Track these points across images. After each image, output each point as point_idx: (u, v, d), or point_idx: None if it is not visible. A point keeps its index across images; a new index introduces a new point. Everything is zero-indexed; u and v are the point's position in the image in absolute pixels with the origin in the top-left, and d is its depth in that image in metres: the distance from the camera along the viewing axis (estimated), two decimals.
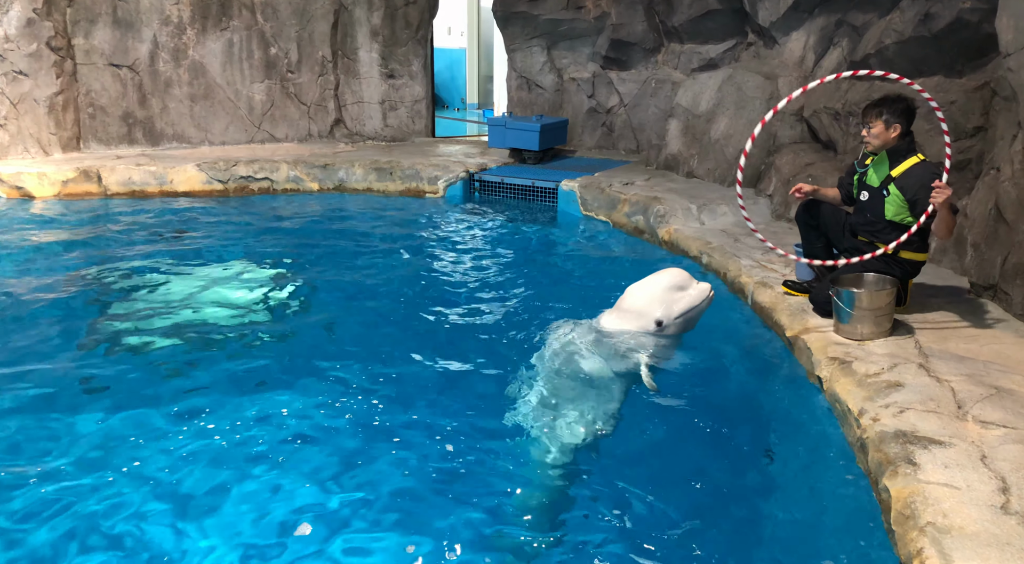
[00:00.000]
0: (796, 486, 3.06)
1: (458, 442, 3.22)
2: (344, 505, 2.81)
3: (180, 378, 3.76)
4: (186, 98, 8.94)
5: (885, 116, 3.90)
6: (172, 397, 3.55)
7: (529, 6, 8.98)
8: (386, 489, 2.91)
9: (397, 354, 4.08)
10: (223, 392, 3.61)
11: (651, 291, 3.82)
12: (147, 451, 3.12)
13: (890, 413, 3.03)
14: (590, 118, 9.41)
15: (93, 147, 8.56)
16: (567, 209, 7.41)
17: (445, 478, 2.98)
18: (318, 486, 2.91)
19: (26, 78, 7.88)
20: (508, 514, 2.80)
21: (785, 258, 4.49)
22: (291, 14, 9.22)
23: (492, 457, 3.12)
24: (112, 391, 3.63)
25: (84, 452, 3.11)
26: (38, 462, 3.04)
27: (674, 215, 6.28)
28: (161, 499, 2.82)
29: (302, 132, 9.53)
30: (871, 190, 4.04)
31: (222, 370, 3.84)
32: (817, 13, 6.51)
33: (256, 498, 2.85)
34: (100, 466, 3.00)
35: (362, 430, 3.32)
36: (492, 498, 2.87)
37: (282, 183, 8.04)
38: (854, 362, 3.52)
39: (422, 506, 2.82)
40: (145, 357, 3.99)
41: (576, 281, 5.41)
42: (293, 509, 2.79)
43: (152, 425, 3.31)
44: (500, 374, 3.80)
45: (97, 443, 3.18)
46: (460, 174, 8.04)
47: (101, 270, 5.35)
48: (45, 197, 7.35)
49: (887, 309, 3.73)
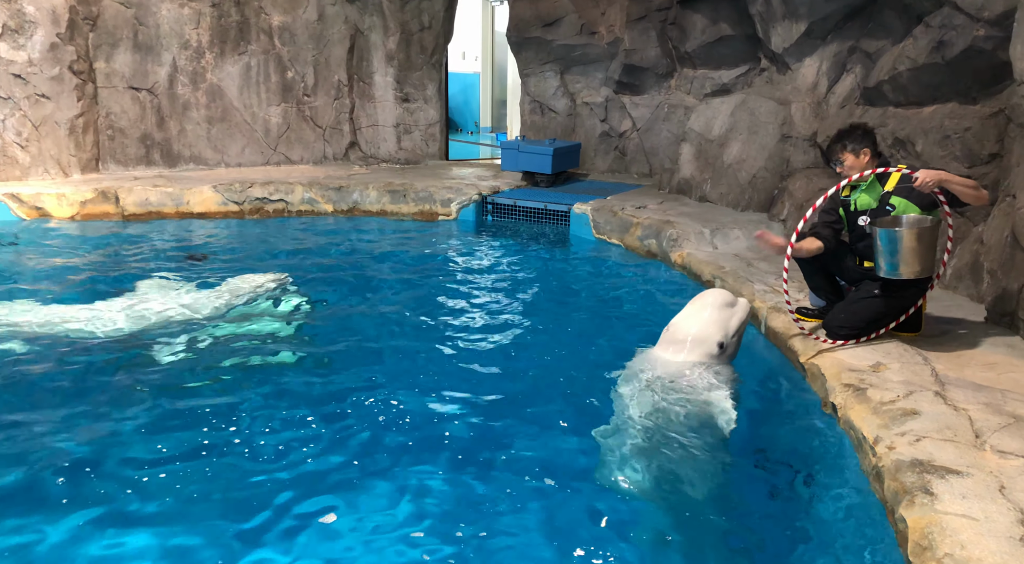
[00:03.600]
0: (810, 514, 3.01)
1: (495, 476, 3.20)
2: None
3: (188, 398, 3.76)
4: (203, 120, 9.06)
5: (850, 146, 4.03)
6: (179, 416, 3.55)
7: (543, 32, 9.07)
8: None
9: (409, 374, 4.08)
10: (231, 413, 3.61)
11: (704, 315, 3.77)
12: (152, 471, 3.12)
13: (906, 441, 2.99)
14: (603, 142, 9.46)
15: (112, 168, 8.68)
16: (579, 232, 7.43)
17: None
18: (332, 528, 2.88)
19: (48, 101, 8.02)
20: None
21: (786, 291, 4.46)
22: (308, 39, 9.36)
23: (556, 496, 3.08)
24: (121, 408, 3.64)
25: (86, 471, 3.11)
26: (40, 474, 3.05)
27: (687, 239, 6.27)
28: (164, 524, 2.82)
29: (317, 154, 9.63)
30: (871, 211, 4.00)
31: (232, 391, 3.84)
32: (830, 40, 6.54)
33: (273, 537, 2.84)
34: (103, 481, 3.01)
35: (376, 458, 3.31)
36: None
37: (297, 205, 8.11)
38: (869, 389, 3.48)
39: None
40: (156, 377, 4.00)
41: (589, 304, 5.41)
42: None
43: (159, 446, 3.31)
44: (512, 398, 3.79)
45: (104, 461, 3.18)
46: (473, 197, 8.09)
47: (114, 290, 5.39)
48: (63, 218, 7.44)
49: (932, 243, 3.68)
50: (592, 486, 3.08)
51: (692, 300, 3.91)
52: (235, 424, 3.51)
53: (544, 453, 3.35)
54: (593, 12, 8.94)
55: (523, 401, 3.79)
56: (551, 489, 3.08)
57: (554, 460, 3.29)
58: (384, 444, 3.40)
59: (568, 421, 3.61)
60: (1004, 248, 4.17)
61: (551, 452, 3.35)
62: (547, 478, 3.14)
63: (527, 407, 3.74)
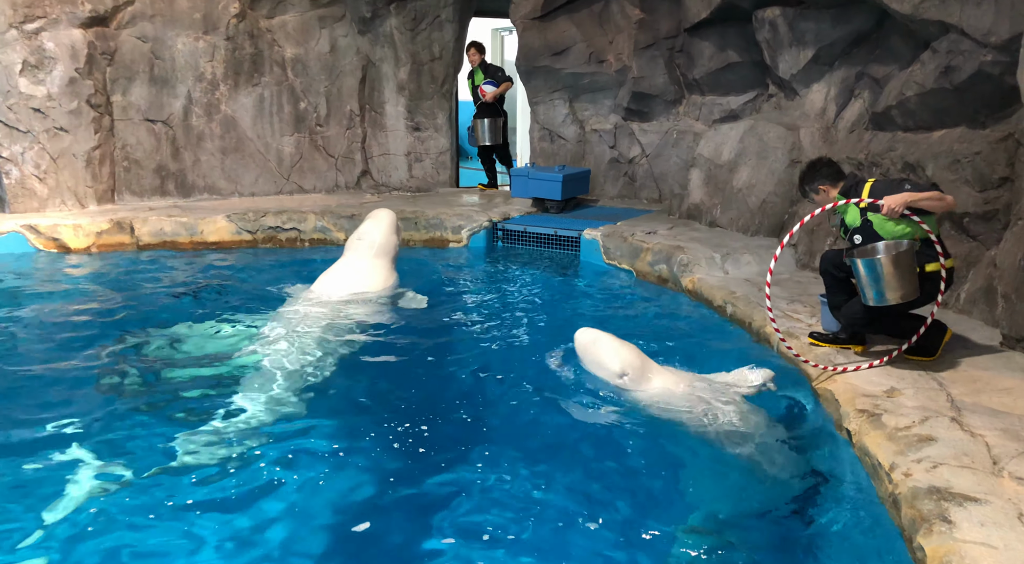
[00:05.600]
0: (825, 541, 2.98)
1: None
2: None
3: (198, 431, 3.77)
4: (218, 151, 9.18)
5: (816, 184, 4.23)
6: (186, 448, 3.55)
7: (552, 60, 9.18)
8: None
9: (419, 403, 4.08)
10: (239, 446, 3.61)
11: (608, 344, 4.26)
12: (155, 508, 3.13)
13: (923, 468, 2.96)
14: (612, 168, 9.51)
15: (127, 199, 8.80)
16: (590, 258, 7.45)
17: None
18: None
19: (66, 134, 8.16)
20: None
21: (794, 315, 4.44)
22: (320, 70, 9.50)
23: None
24: (131, 440, 3.66)
25: (89, 500, 3.12)
26: (40, 504, 3.07)
27: (697, 264, 6.28)
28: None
29: (329, 183, 9.72)
30: (858, 229, 4.04)
31: (242, 423, 3.85)
32: (837, 66, 6.59)
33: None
34: (102, 512, 3.02)
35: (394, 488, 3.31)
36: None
37: (309, 233, 8.18)
38: (884, 414, 3.46)
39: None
40: (166, 407, 4.03)
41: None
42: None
43: (165, 480, 3.31)
44: (526, 426, 3.78)
45: (107, 491, 3.19)
46: (483, 223, 8.14)
47: (128, 320, 5.44)
48: (80, 249, 7.53)
49: (911, 265, 3.80)
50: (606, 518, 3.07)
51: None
52: (234, 458, 3.52)
53: (557, 474, 3.34)
54: (601, 41, 9.04)
55: (533, 424, 3.78)
56: (563, 513, 3.06)
57: (566, 481, 3.28)
58: (393, 469, 3.40)
59: (584, 447, 3.60)
60: (1017, 272, 4.15)
61: (563, 473, 3.34)
62: (563, 501, 3.13)
63: (537, 430, 3.73)
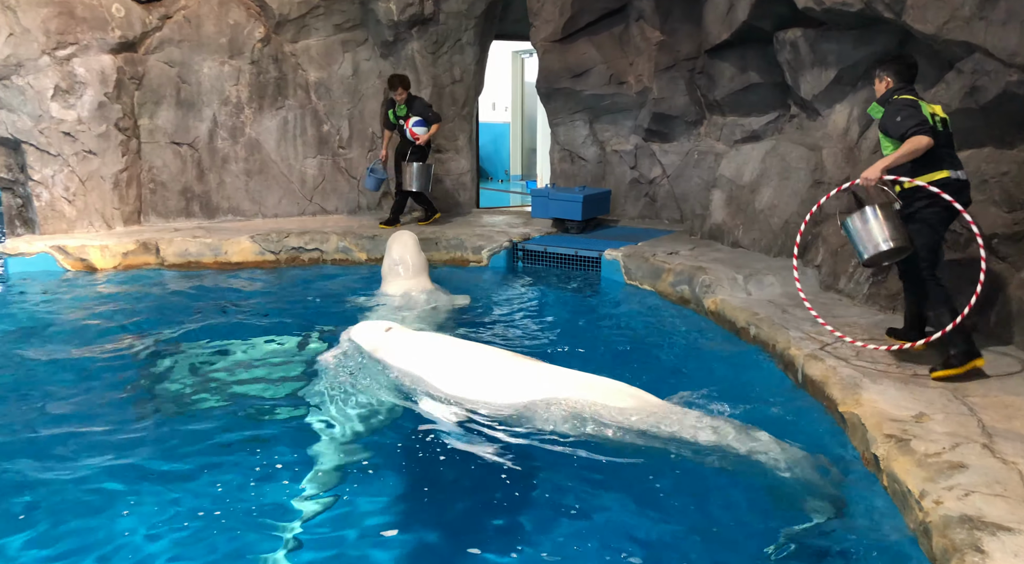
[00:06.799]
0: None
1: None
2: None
3: (219, 451, 3.79)
4: (242, 173, 9.30)
5: (878, 71, 4.59)
6: (208, 468, 3.58)
7: (572, 82, 9.22)
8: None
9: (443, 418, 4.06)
10: (261, 465, 3.62)
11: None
12: (179, 528, 3.14)
13: (954, 496, 2.90)
14: (633, 189, 9.51)
15: (153, 220, 8.93)
16: (611, 278, 7.42)
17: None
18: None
19: (95, 157, 8.32)
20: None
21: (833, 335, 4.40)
22: (343, 93, 9.62)
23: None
24: (155, 458, 3.68)
25: (114, 515, 3.14)
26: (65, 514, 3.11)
27: (720, 285, 6.23)
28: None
29: (351, 204, 9.80)
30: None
31: (262, 445, 3.85)
32: (860, 86, 6.55)
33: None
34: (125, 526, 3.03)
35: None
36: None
37: (332, 253, 8.24)
38: (912, 440, 3.39)
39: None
40: (189, 425, 4.05)
41: (622, 351, 5.37)
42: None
43: (183, 498, 3.32)
44: (545, 447, 3.75)
45: (128, 509, 3.21)
46: (504, 244, 8.15)
47: (152, 339, 5.49)
48: (106, 269, 7.64)
49: (895, 216, 4.24)
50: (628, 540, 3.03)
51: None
52: (255, 477, 3.52)
53: (578, 493, 3.30)
54: (622, 62, 9.08)
55: (555, 448, 3.74)
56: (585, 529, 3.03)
57: (588, 500, 3.24)
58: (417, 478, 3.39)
59: (603, 470, 3.56)
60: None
61: (585, 493, 3.31)
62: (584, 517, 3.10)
63: (559, 452, 3.70)
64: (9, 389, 4.55)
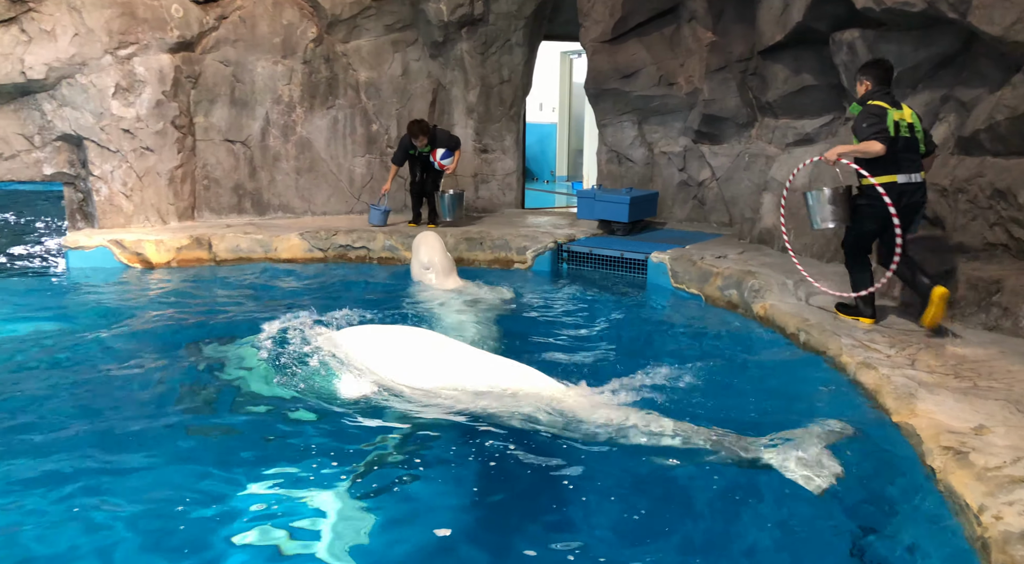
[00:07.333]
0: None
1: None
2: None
3: (269, 443, 3.86)
4: (292, 171, 9.46)
5: (858, 75, 5.19)
6: (257, 460, 3.64)
7: (621, 83, 9.16)
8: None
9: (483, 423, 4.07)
10: (300, 458, 3.67)
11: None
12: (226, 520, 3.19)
13: (1015, 511, 2.79)
14: (681, 191, 9.41)
15: (206, 216, 9.13)
16: (657, 281, 7.35)
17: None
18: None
19: (152, 153, 8.55)
20: None
21: None
22: (392, 93, 9.72)
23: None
24: (205, 449, 3.76)
25: (158, 509, 3.21)
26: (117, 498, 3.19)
27: (769, 290, 6.12)
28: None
29: (398, 203, 9.90)
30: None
31: (303, 439, 3.91)
32: (921, 89, 6.36)
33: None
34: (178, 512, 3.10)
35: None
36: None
37: (378, 251, 8.33)
38: (971, 453, 3.28)
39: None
40: (235, 418, 4.13)
41: (668, 355, 5.29)
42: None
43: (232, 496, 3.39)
44: (591, 453, 3.73)
45: (176, 502, 3.28)
46: (548, 245, 8.13)
47: (207, 330, 5.62)
48: (161, 263, 7.85)
49: (846, 199, 5.15)
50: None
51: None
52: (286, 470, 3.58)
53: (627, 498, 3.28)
54: (672, 64, 8.99)
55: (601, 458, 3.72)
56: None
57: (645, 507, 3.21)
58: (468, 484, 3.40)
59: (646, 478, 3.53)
60: None
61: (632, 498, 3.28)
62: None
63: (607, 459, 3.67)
64: (63, 378, 4.69)
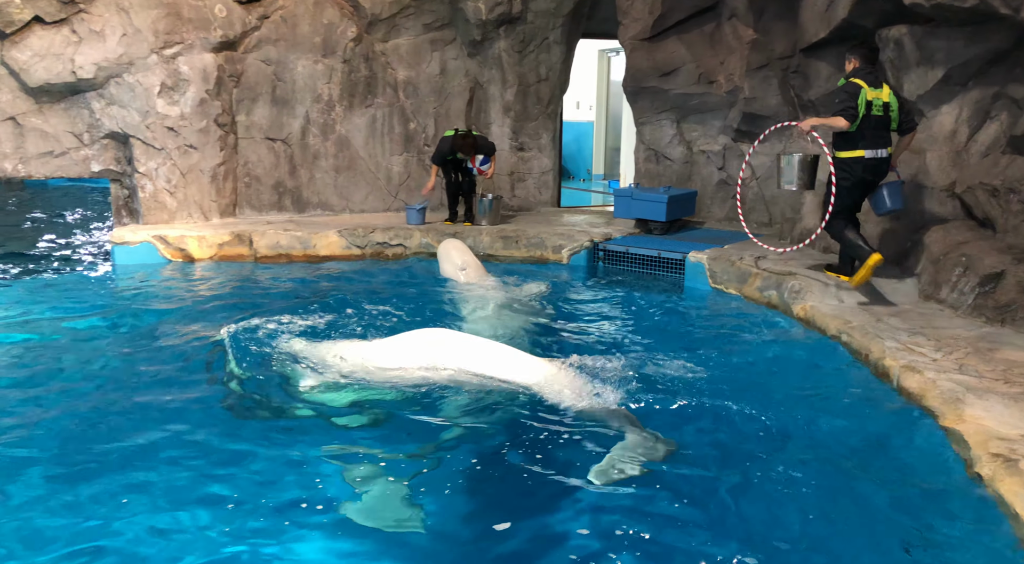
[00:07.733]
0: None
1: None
2: None
3: (304, 434, 3.90)
4: (331, 169, 9.56)
5: (847, 54, 5.79)
6: (297, 454, 3.68)
7: (659, 81, 9.08)
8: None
9: (515, 419, 4.07)
10: (328, 457, 3.70)
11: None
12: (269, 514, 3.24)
13: None
14: (720, 190, 9.30)
15: (247, 213, 9.27)
16: (694, 281, 7.27)
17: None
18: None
19: (195, 151, 8.71)
20: None
21: None
22: (430, 92, 9.77)
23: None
24: (237, 441, 3.82)
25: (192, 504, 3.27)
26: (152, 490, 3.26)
27: (810, 291, 6.02)
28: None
29: (435, 201, 9.94)
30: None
31: (336, 432, 3.95)
32: (971, 86, 6.19)
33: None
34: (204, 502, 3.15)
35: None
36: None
37: (414, 249, 8.38)
38: (1021, 461, 3.19)
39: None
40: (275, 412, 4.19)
41: (706, 356, 5.23)
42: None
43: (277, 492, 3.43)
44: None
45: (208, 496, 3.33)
46: (584, 243, 8.10)
47: (243, 325, 5.69)
48: (203, 259, 7.99)
49: (812, 167, 5.87)
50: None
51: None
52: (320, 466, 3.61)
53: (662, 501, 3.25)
54: (711, 61, 8.88)
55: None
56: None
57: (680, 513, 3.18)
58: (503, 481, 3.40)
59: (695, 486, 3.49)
60: None
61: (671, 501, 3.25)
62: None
63: None
64: (104, 370, 4.81)
